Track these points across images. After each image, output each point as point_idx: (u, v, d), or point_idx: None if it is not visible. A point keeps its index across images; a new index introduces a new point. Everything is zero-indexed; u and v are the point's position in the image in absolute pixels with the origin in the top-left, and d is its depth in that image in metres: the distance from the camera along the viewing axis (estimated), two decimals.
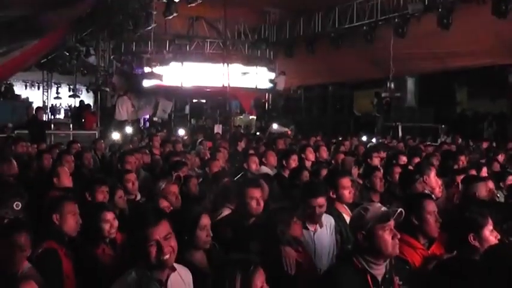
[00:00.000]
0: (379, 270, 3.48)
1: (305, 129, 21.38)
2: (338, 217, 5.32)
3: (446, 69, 20.48)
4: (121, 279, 3.39)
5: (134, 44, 23.25)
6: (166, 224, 3.43)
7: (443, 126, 19.35)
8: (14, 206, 4.76)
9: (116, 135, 15.73)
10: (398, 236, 3.51)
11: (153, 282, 3.35)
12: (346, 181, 5.57)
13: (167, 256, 3.37)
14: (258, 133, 20.86)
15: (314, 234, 4.90)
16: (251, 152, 10.20)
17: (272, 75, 25.26)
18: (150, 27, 18.89)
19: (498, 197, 6.73)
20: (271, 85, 25.02)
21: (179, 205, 5.65)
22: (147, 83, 21.62)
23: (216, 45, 23.79)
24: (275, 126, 21.13)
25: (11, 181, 6.77)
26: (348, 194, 5.51)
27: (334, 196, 5.48)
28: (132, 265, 3.46)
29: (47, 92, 30.52)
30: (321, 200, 5.03)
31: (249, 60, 24.78)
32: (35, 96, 29.83)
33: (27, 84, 31.74)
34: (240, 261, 3.04)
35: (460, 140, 15.96)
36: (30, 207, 5.12)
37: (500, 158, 10.37)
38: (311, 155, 9.31)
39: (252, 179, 6.53)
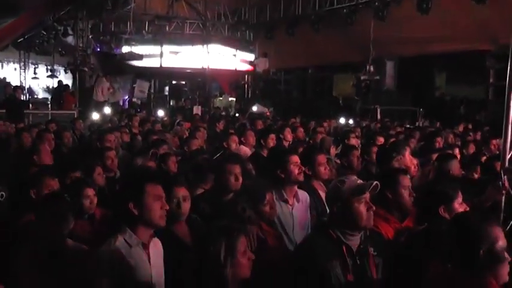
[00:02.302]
0: (354, 241, 3.55)
1: (284, 112, 21.42)
2: (314, 193, 5.37)
3: (426, 53, 20.61)
4: (107, 245, 3.45)
5: (113, 24, 23.04)
6: None
7: (421, 109, 19.48)
8: None
9: (95, 116, 15.67)
10: (374, 208, 3.58)
11: (139, 244, 3.46)
12: (321, 158, 5.61)
13: (165, 214, 3.52)
14: (237, 115, 20.88)
15: (292, 208, 4.96)
16: (231, 131, 10.28)
17: (252, 57, 25.23)
18: (129, 7, 18.75)
19: None
20: (250, 67, 25.00)
21: None
22: (126, 63, 21.50)
23: (196, 26, 23.69)
24: (255, 108, 21.17)
25: None
26: (323, 170, 5.55)
27: (310, 173, 5.51)
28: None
29: (24, 72, 30.15)
30: (294, 158, 5.11)
31: (228, 42, 24.71)
32: (12, 76, 29.42)
33: (4, 64, 31.23)
34: (224, 228, 3.15)
35: (438, 124, 16.13)
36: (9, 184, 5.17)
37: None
38: (289, 135, 9.42)
39: (231, 154, 6.59)
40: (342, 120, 17.16)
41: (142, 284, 3.42)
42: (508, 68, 4.98)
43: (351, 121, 17.38)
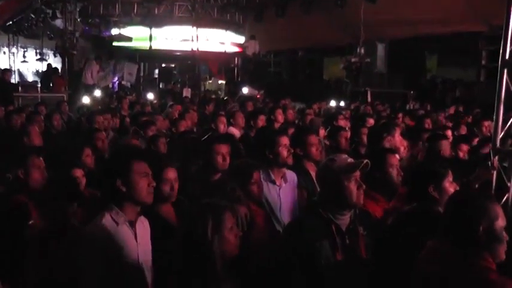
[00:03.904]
0: (344, 220, 3.53)
1: (274, 94, 21.34)
2: (306, 174, 5.33)
3: (417, 35, 20.49)
4: (94, 223, 3.44)
5: (102, 6, 22.81)
6: None
7: (412, 92, 19.49)
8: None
9: (85, 99, 15.57)
10: (364, 187, 3.56)
11: (126, 222, 3.44)
12: (313, 138, 5.57)
13: (152, 191, 3.51)
14: (226, 98, 20.82)
15: (280, 189, 4.94)
16: (221, 113, 10.26)
17: (242, 39, 25.09)
18: None
19: None
20: (240, 49, 24.86)
21: None
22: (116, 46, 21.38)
23: (185, 8, 23.45)
24: (245, 90, 21.09)
25: None
26: (315, 151, 5.50)
27: (302, 154, 5.47)
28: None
29: (13, 56, 29.94)
30: (284, 139, 5.08)
31: (218, 24, 24.52)
32: (0, 60, 29.23)
33: None
34: (211, 204, 3.15)
35: (429, 107, 16.13)
36: None
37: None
38: (280, 117, 9.38)
39: (219, 135, 6.57)
40: (333, 103, 17.10)
41: (128, 262, 3.40)
42: (501, 49, 4.95)
43: (342, 103, 17.34)
